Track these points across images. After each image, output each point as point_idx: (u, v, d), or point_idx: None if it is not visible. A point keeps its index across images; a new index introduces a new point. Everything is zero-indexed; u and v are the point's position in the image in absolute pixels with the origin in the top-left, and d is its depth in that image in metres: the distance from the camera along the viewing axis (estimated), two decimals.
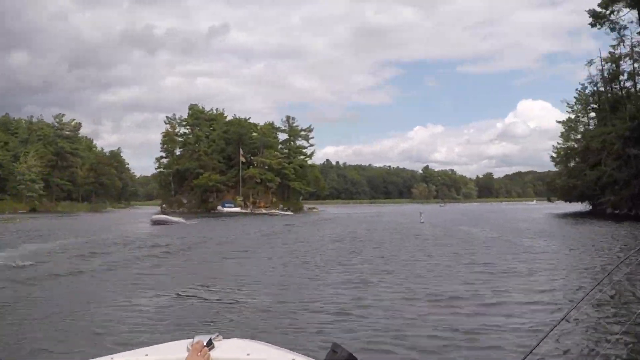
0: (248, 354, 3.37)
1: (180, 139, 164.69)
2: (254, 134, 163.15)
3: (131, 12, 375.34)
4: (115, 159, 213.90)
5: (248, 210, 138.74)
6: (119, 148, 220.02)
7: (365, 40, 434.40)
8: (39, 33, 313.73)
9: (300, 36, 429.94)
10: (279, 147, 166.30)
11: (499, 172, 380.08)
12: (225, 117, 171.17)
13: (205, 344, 3.34)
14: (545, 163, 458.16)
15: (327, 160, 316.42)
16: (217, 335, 3.52)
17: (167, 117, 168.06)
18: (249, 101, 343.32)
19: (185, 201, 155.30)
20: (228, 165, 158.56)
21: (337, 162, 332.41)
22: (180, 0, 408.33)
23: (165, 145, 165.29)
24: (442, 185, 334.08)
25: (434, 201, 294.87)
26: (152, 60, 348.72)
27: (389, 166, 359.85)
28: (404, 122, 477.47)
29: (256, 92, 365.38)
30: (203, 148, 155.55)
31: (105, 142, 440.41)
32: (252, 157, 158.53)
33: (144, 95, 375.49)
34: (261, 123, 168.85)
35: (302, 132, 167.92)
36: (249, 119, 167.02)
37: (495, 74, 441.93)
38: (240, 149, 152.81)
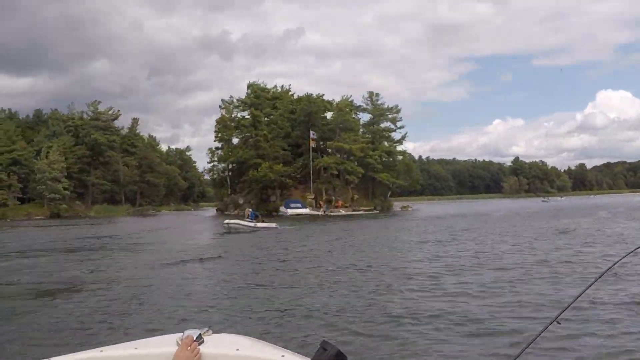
0: (237, 349, 3.13)
1: (234, 124, 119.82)
2: (328, 113, 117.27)
3: (206, 18, 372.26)
4: (180, 157, 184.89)
5: (321, 212, 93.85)
6: (187, 147, 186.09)
7: (439, 37, 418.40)
8: (118, 41, 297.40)
9: (374, 35, 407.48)
10: (360, 130, 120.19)
11: (577, 165, 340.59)
12: (292, 95, 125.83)
13: (195, 338, 3.14)
14: (628, 154, 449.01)
15: (409, 154, 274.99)
16: (207, 330, 3.30)
17: (222, 100, 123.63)
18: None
19: (241, 201, 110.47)
20: (295, 153, 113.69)
21: (420, 156, 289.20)
22: (254, 5, 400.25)
23: (219, 134, 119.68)
24: (533, 178, 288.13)
25: (526, 195, 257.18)
26: (229, 64, 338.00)
27: (474, 159, 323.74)
28: (480, 116, 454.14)
29: (333, 91, 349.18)
30: (262, 132, 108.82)
31: (184, 145, 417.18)
32: (325, 144, 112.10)
33: (222, 99, 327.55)
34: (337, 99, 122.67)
35: (388, 113, 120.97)
36: (322, 95, 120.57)
37: (571, 66, 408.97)
38: (311, 132, 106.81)
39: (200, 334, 3.15)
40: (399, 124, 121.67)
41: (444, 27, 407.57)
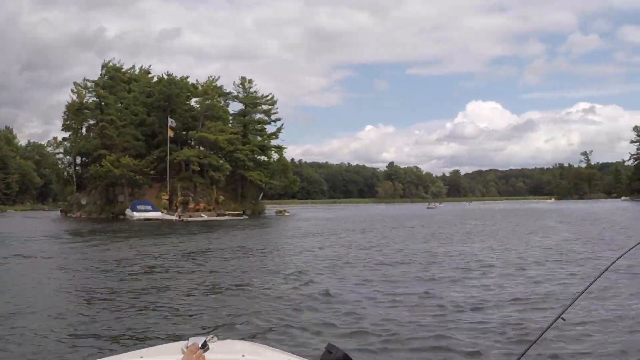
0: (243, 355, 3.13)
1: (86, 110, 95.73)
2: (193, 100, 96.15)
3: (84, 14, 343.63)
4: (37, 152, 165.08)
5: (175, 217, 73.73)
6: (48, 141, 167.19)
7: (318, 43, 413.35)
8: None
9: (253, 38, 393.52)
10: (230, 122, 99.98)
11: (449, 172, 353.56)
12: (152, 77, 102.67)
13: (200, 345, 3.07)
14: (498, 162, 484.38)
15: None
16: (212, 337, 3.25)
17: (75, 83, 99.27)
18: None
19: (84, 202, 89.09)
20: (151, 144, 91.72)
21: (292, 159, 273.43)
22: (133, 3, 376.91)
23: (67, 122, 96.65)
24: (408, 184, 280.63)
25: (400, 200, 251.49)
26: (102, 62, 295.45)
27: (348, 163, 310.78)
28: (353, 122, 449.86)
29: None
30: (109, 118, 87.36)
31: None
32: (187, 134, 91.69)
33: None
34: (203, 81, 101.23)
35: (261, 104, 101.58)
36: (186, 78, 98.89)
37: (445, 77, 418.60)
38: (169, 119, 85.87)
39: (205, 341, 3.04)
40: (274, 116, 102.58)
41: (323, 34, 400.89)
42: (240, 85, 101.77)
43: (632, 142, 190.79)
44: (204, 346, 3.01)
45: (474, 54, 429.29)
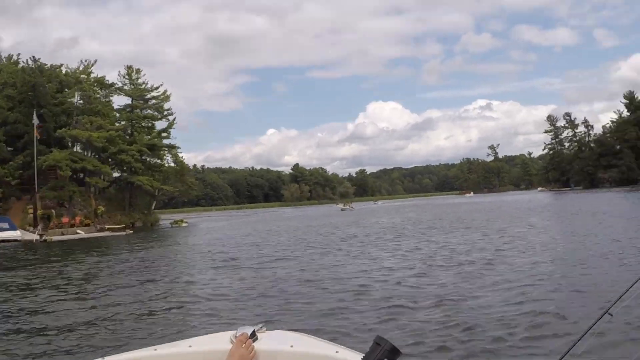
0: (292, 346, 3.06)
1: None
2: (65, 91, 78.11)
3: None
4: None
5: (35, 237, 56.74)
6: None
7: (217, 48, 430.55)
8: None
9: (152, 44, 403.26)
10: (117, 121, 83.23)
11: (353, 172, 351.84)
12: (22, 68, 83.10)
13: (249, 335, 3.05)
14: (400, 161, 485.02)
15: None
16: (261, 327, 3.20)
17: None
18: None
19: None
20: (16, 147, 72.87)
21: (195, 165, 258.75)
22: (30, 12, 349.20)
23: None
24: (315, 185, 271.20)
25: (308, 203, 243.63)
26: None
27: (252, 167, 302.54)
28: (255, 127, 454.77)
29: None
30: None
31: None
32: (58, 133, 74.07)
33: None
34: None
35: (150, 98, 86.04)
36: (59, 66, 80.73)
37: (344, 79, 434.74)
38: (35, 116, 68.40)
39: (254, 331, 3.03)
40: (166, 112, 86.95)
41: (222, 39, 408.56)
42: (127, 76, 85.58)
43: (546, 131, 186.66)
44: (253, 336, 2.97)
45: (372, 55, 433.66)
